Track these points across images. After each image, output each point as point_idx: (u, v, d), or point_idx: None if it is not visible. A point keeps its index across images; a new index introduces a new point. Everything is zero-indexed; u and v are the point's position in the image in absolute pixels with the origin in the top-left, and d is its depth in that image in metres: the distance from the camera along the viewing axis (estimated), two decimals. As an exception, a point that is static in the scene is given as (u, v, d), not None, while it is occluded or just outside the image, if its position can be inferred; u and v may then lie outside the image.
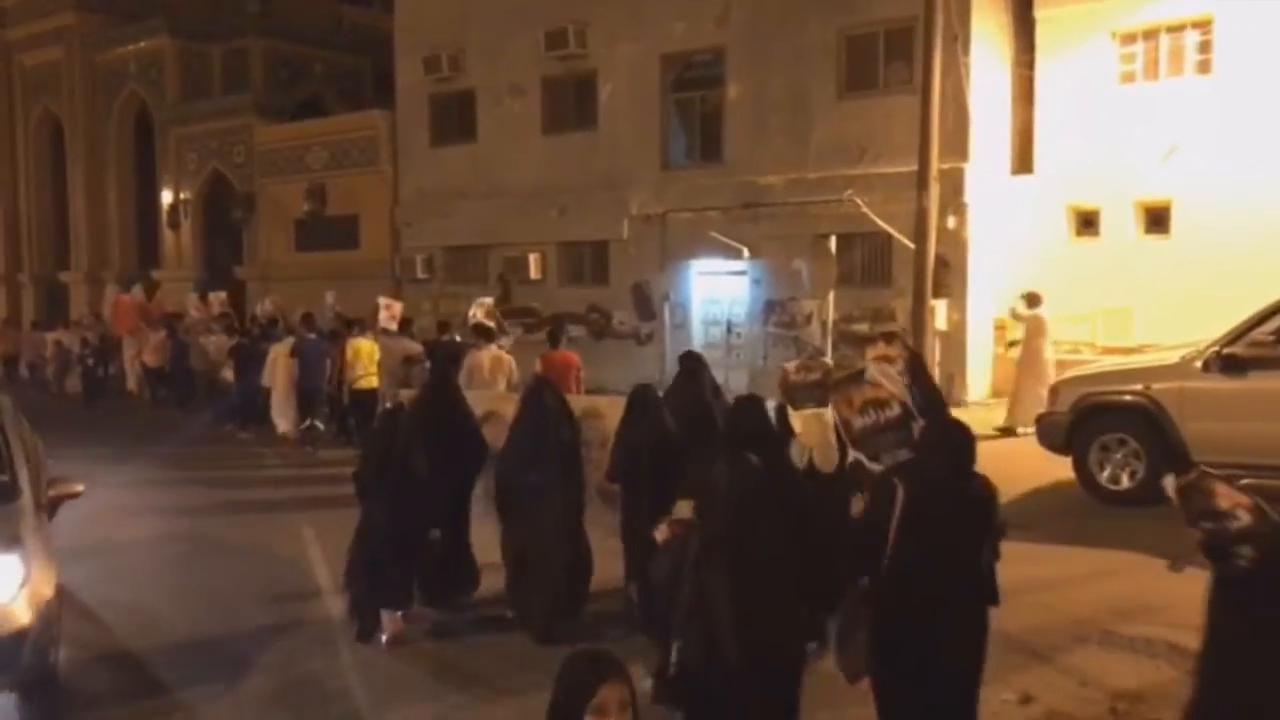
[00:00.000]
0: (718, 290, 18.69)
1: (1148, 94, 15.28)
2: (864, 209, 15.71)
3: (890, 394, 5.24)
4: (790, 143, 17.44)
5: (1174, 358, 9.63)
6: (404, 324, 14.39)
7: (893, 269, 16.30)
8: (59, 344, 22.12)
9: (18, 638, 5.14)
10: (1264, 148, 14.17)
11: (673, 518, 4.72)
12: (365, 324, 14.91)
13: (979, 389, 16.13)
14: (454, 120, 22.20)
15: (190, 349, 18.68)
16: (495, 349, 11.09)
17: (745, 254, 17.70)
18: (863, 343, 15.83)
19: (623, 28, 19.26)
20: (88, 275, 30.58)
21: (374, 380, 13.71)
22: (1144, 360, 10.63)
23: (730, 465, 4.35)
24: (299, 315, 16.02)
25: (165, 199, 28.85)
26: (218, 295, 20.64)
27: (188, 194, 28.30)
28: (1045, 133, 16.12)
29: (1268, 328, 8.99)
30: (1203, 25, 14.78)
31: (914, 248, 14.50)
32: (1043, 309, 13.71)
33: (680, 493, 4.89)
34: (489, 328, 11.87)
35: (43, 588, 5.41)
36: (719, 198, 18.02)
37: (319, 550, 8.97)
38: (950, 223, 15.45)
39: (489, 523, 7.40)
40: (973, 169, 15.69)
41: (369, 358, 13.73)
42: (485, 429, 7.67)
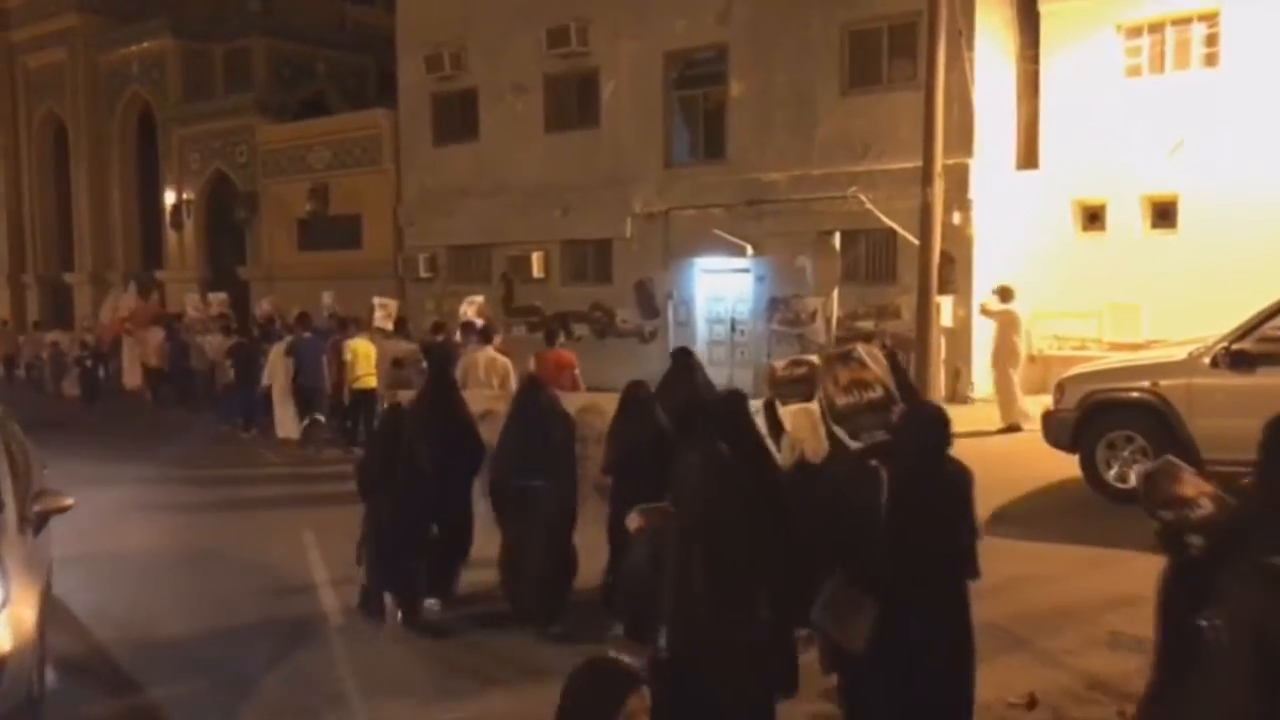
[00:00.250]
0: (721, 288, 18.61)
1: (1154, 88, 15.15)
2: (868, 205, 15.64)
3: (875, 376, 5.40)
4: (794, 139, 17.35)
5: (1181, 354, 9.53)
6: (399, 324, 14.47)
7: (897, 266, 16.21)
8: (55, 345, 22.12)
9: None
10: (1272, 141, 14.04)
11: (645, 507, 4.88)
12: (360, 323, 14.93)
13: (985, 385, 15.98)
14: (456, 119, 22.15)
15: (190, 348, 18.68)
16: (491, 350, 11.06)
17: (749, 251, 17.62)
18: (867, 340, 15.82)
19: (625, 25, 19.18)
20: (92, 276, 30.59)
21: (373, 380, 13.70)
22: (1151, 356, 10.53)
23: (702, 455, 4.47)
24: (295, 316, 16.02)
25: (168, 199, 28.83)
26: (217, 296, 20.72)
27: (191, 194, 28.29)
28: (1050, 128, 16.01)
29: (1277, 323, 8.87)
30: (1209, 18, 14.66)
31: (919, 244, 14.42)
32: (1015, 304, 13.65)
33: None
34: (488, 329, 11.83)
35: (24, 610, 5.03)
36: (722, 195, 17.94)
37: (318, 553, 8.92)
38: (955, 219, 15.36)
39: (490, 521, 7.47)
40: (977, 164, 15.58)
41: (366, 358, 13.72)
42: (481, 427, 7.69)
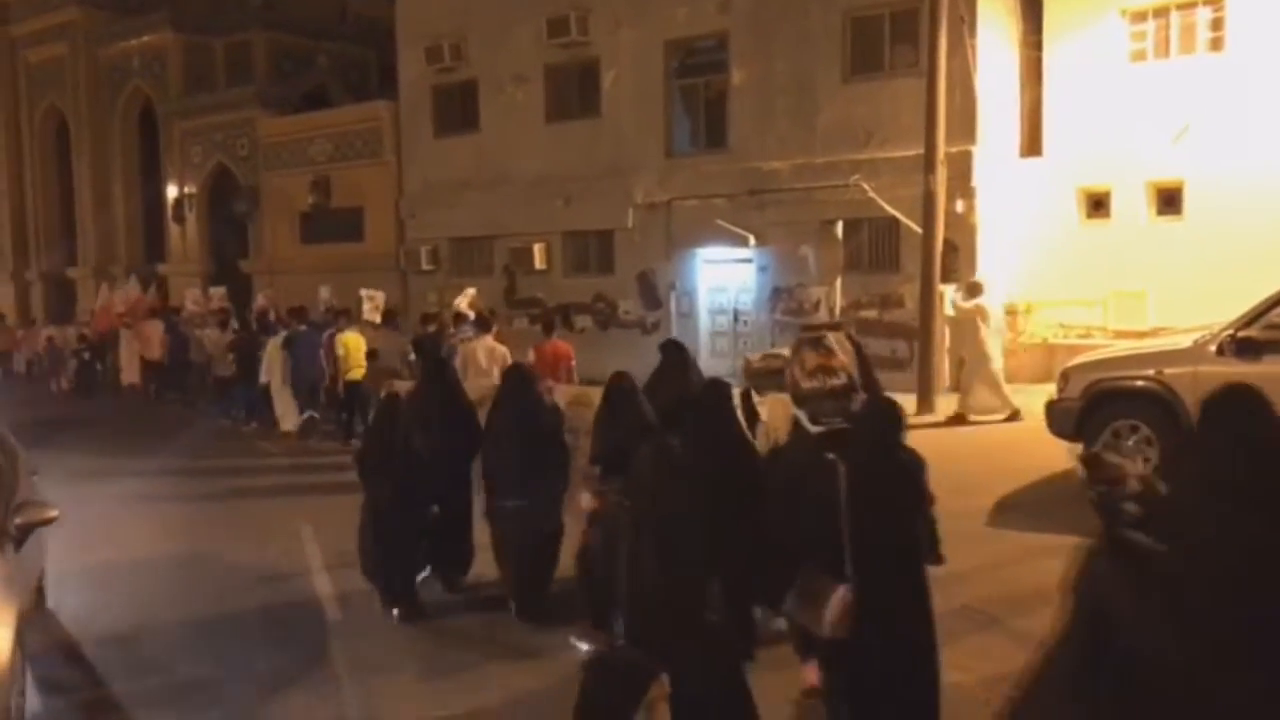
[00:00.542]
0: (724, 278, 18.53)
1: (1159, 73, 15.02)
2: (871, 194, 15.55)
3: (841, 364, 5.56)
4: (795, 128, 17.24)
5: (1187, 342, 9.42)
6: (388, 315, 14.69)
7: (900, 254, 16.11)
8: (51, 340, 22.13)
9: None
10: (1279, 126, 13.90)
11: (599, 488, 5.06)
12: (352, 316, 15.15)
13: (990, 375, 15.91)
14: (457, 110, 22.07)
15: (190, 342, 18.68)
16: (490, 339, 11.15)
17: (751, 241, 17.52)
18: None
19: (625, 14, 19.07)
20: (95, 270, 30.54)
21: (362, 372, 13.80)
22: (1156, 344, 10.42)
23: (653, 449, 4.60)
24: (289, 309, 16.16)
25: (170, 193, 28.77)
26: (217, 290, 20.73)
27: (192, 188, 28.22)
28: (1054, 114, 15.88)
29: (1284, 310, 8.78)
30: (1214, 2, 14.52)
31: (921, 232, 14.32)
32: (984, 298, 13.65)
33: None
34: (486, 318, 11.91)
35: (1, 631, 4.77)
36: (724, 185, 17.84)
37: (316, 547, 8.91)
38: (959, 207, 15.26)
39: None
40: (981, 152, 15.47)
41: (357, 350, 13.85)
42: (482, 414, 7.78)
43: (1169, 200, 15.00)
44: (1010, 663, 5.62)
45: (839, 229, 15.60)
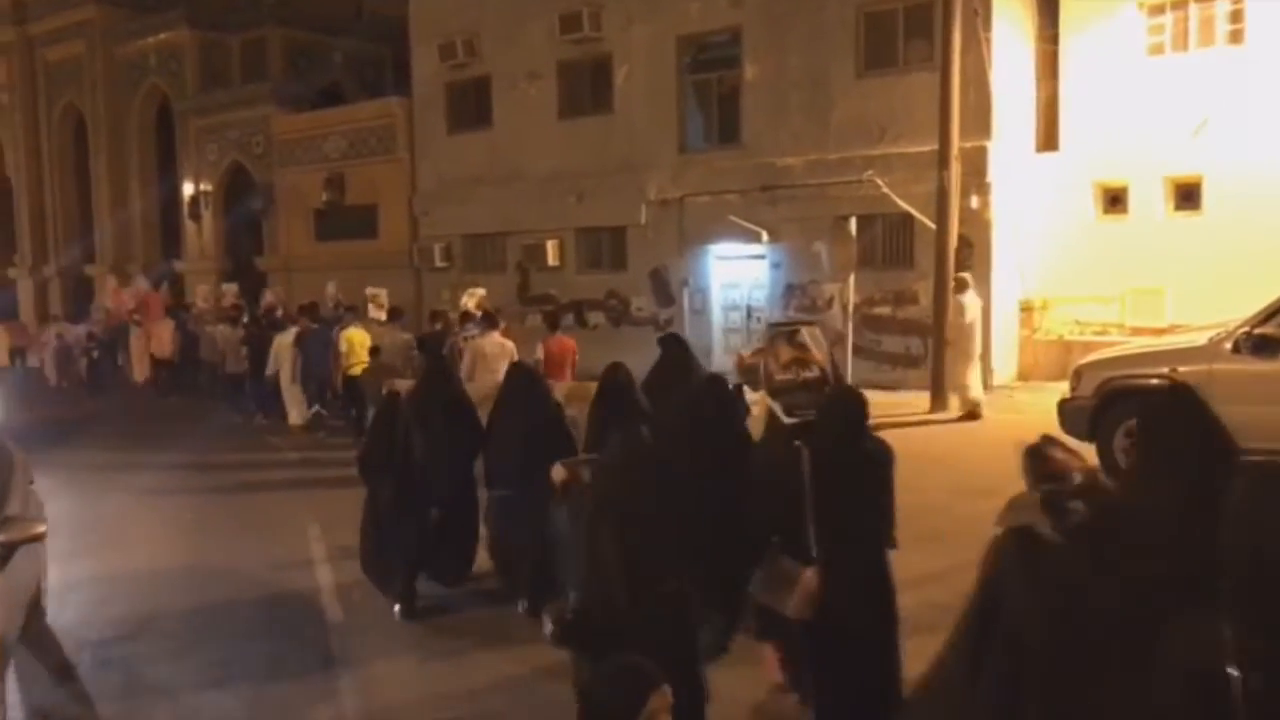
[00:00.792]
0: (737, 274, 18.43)
1: (1177, 66, 14.83)
2: (885, 189, 15.41)
3: (814, 358, 5.68)
4: (809, 123, 17.11)
5: (1202, 339, 9.29)
6: (393, 313, 14.84)
7: (915, 250, 15.98)
8: (60, 337, 22.24)
9: None
10: (1299, 120, 13.73)
11: (570, 460, 5.14)
12: (358, 313, 15.30)
13: (1005, 372, 15.77)
14: (470, 107, 22.02)
15: (200, 339, 18.75)
16: (497, 335, 11.14)
17: (764, 237, 17.42)
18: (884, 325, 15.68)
19: (638, 9, 18.97)
20: (113, 267, 30.67)
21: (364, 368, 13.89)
22: (1171, 342, 10.28)
23: (624, 438, 4.67)
24: (298, 306, 16.31)
25: (186, 190, 28.87)
26: (229, 287, 20.83)
27: (208, 185, 28.29)
28: (1070, 108, 15.72)
29: (1302, 307, 8.64)
30: (1234, -6, 14.34)
31: (935, 228, 14.19)
32: (967, 295, 13.61)
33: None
34: (492, 314, 11.92)
35: None
36: (737, 180, 17.74)
37: (322, 545, 8.93)
38: (973, 202, 15.12)
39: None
40: (996, 147, 15.31)
41: (361, 346, 13.91)
42: (484, 412, 7.75)
43: (1187, 195, 14.81)
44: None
45: (852, 225, 15.41)
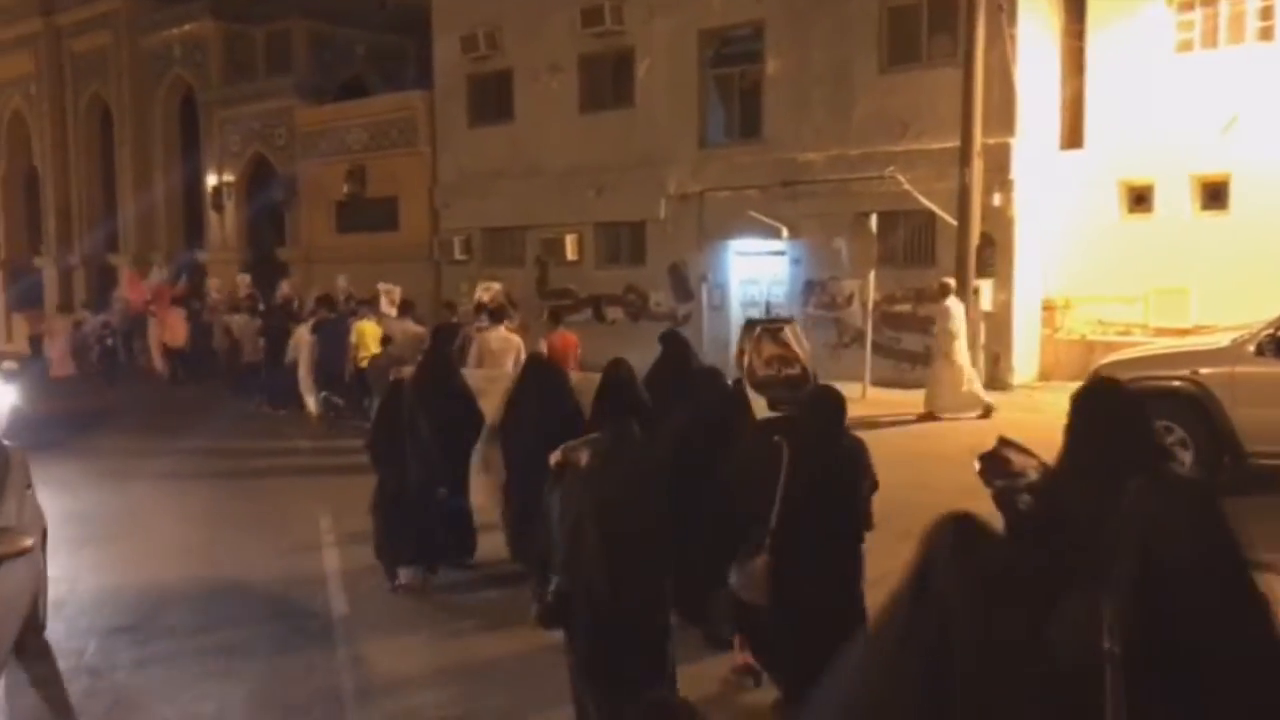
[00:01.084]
0: (756, 270, 18.33)
1: (1206, 63, 14.62)
2: (906, 186, 15.27)
3: (796, 355, 5.86)
4: (831, 118, 16.98)
5: (1225, 340, 9.15)
6: (404, 307, 14.92)
7: (936, 248, 15.83)
8: (78, 325, 22.39)
9: None
10: (1329, 119, 13.51)
11: (569, 444, 5.23)
12: (372, 305, 15.49)
13: (1026, 371, 15.61)
14: (491, 100, 22.00)
15: (213, 329, 18.86)
16: (504, 330, 11.19)
17: (784, 233, 17.30)
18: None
19: (660, 3, 18.89)
20: (136, 257, 30.86)
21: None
22: (1193, 343, 10.14)
23: (612, 432, 4.81)
24: (313, 296, 16.56)
25: (209, 181, 29.01)
26: (243, 278, 21.04)
27: (231, 176, 28.41)
28: (1096, 105, 15.51)
29: (1328, 309, 8.49)
30: (1264, -10, 14.11)
31: (957, 226, 14.06)
32: (950, 300, 13.50)
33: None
34: (499, 310, 11.98)
35: None
36: (758, 176, 17.63)
37: (332, 536, 8.97)
38: (996, 200, 14.97)
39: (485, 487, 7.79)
40: (1019, 144, 15.14)
41: (373, 338, 14.07)
42: (483, 403, 7.91)
43: (1214, 194, 14.60)
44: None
45: (873, 222, 15.32)
